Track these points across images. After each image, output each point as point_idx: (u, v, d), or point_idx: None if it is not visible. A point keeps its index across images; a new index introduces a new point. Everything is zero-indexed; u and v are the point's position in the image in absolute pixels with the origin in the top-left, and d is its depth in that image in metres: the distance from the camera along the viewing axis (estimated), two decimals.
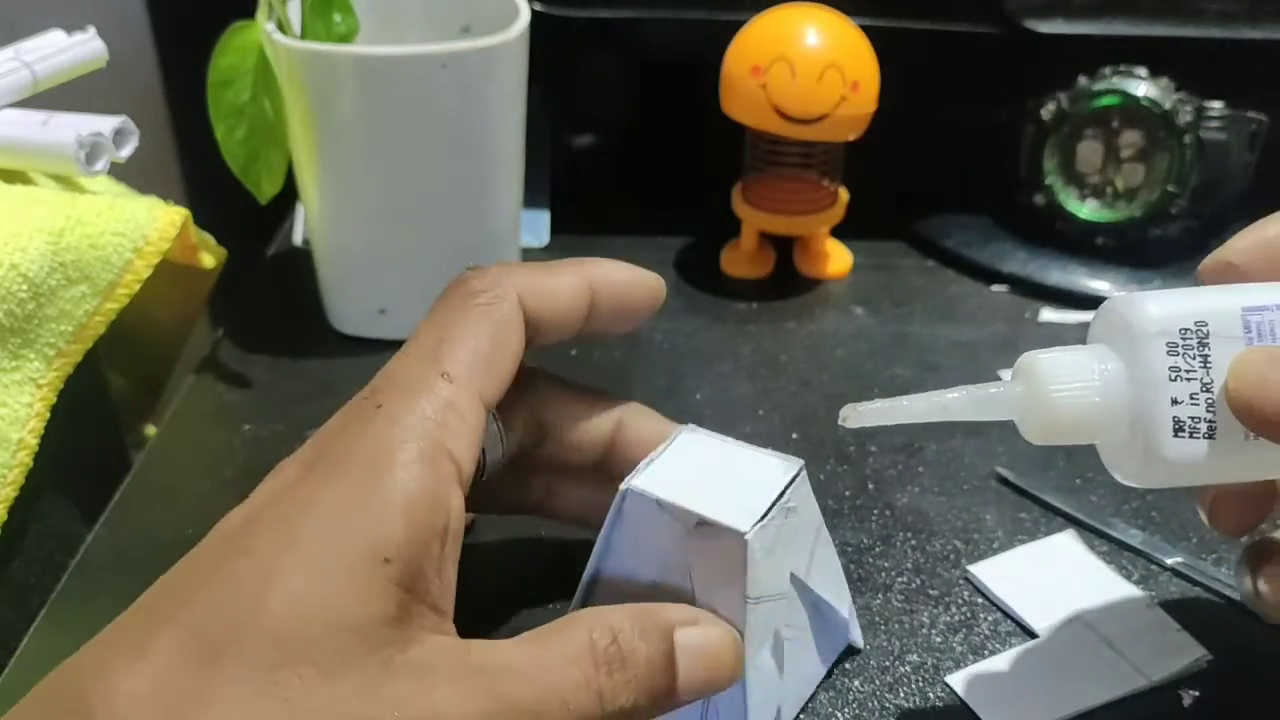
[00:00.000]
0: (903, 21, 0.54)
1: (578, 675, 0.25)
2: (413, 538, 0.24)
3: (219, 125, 0.45)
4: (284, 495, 0.25)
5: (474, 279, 0.30)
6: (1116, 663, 0.34)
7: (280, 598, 0.22)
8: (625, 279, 0.32)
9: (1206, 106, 0.52)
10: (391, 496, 0.24)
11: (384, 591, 0.23)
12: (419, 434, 0.26)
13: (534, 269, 0.31)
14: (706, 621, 0.28)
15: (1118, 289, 0.53)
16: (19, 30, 0.46)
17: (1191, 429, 0.27)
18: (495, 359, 0.28)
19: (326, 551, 0.23)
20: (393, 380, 0.27)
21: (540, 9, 0.53)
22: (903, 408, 0.28)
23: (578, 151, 0.64)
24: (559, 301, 0.31)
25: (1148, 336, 0.27)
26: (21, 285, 0.38)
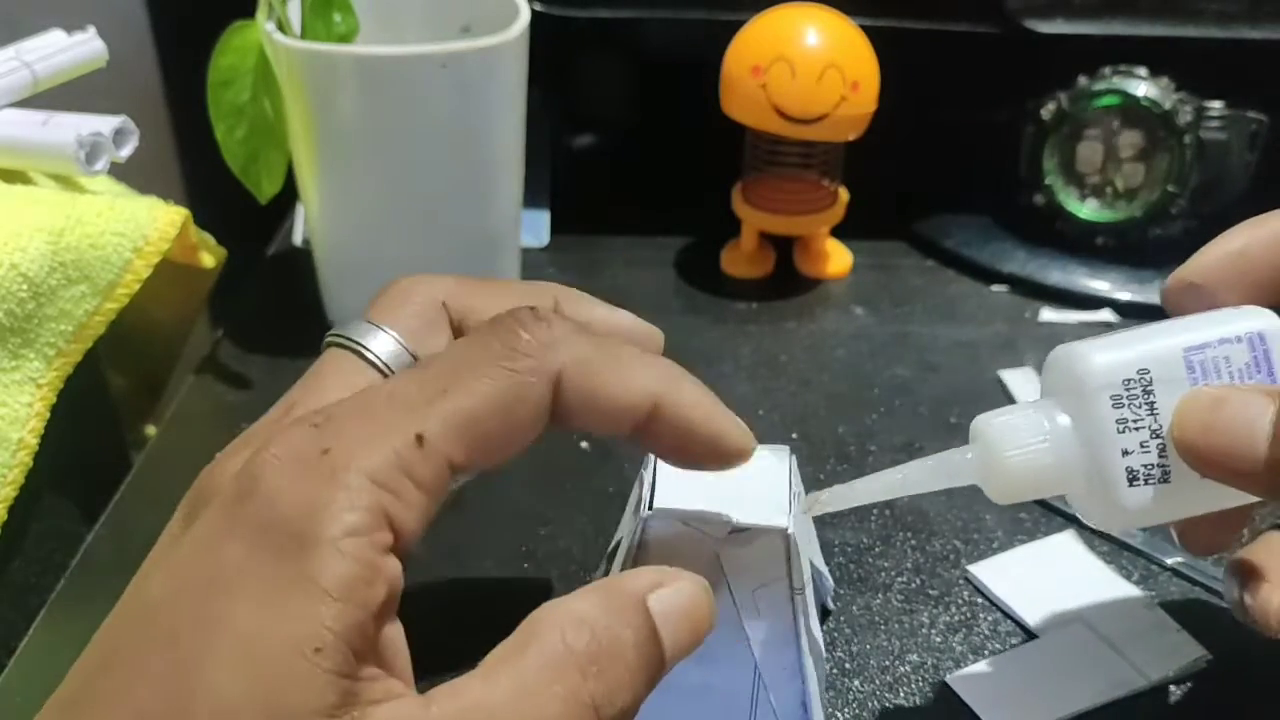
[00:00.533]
0: (903, 21, 0.54)
1: (562, 692, 0.22)
2: (346, 623, 0.21)
3: (219, 125, 0.45)
4: (208, 555, 0.22)
5: (526, 329, 0.25)
6: (1116, 663, 0.34)
7: (206, 704, 0.20)
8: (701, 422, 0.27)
9: (1206, 106, 0.52)
10: (322, 577, 0.21)
11: (319, 682, 0.21)
12: (359, 500, 0.22)
13: (599, 351, 0.26)
14: (672, 578, 0.25)
15: (1118, 289, 0.53)
16: (19, 30, 0.46)
17: (1146, 476, 0.27)
18: (491, 438, 0.24)
19: (254, 645, 0.21)
20: (357, 418, 0.24)
21: (540, 9, 0.53)
22: (866, 487, 0.28)
23: (578, 151, 0.64)
24: (607, 401, 0.26)
25: (1091, 391, 0.27)
26: (21, 285, 0.38)
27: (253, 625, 0.21)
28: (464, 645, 0.35)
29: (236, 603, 0.21)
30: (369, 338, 0.29)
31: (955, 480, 0.28)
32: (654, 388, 0.26)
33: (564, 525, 0.40)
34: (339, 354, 0.29)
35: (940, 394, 0.47)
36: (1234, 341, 0.27)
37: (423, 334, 0.29)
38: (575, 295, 0.31)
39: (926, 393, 0.48)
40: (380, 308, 0.30)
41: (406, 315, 0.30)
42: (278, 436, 0.23)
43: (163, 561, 0.23)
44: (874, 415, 0.46)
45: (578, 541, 0.40)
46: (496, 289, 0.31)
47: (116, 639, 0.23)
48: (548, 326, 0.25)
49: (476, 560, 0.39)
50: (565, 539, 0.40)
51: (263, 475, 0.22)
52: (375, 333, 0.29)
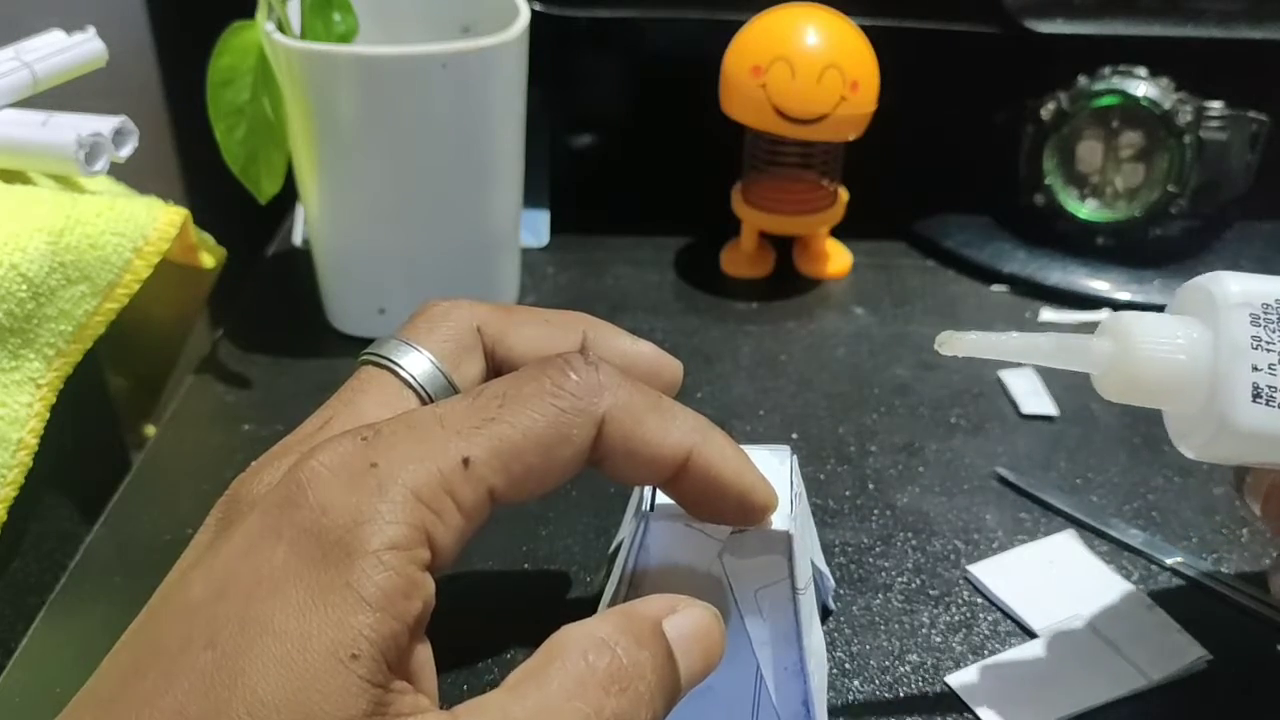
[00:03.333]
0: (903, 21, 0.54)
1: (584, 708, 0.22)
2: (382, 633, 0.22)
3: (219, 125, 0.45)
4: (250, 561, 0.23)
5: (576, 371, 0.26)
6: (1116, 663, 0.34)
7: (244, 704, 0.21)
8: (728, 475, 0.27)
9: (1206, 106, 0.52)
10: (363, 586, 0.22)
11: (353, 689, 0.21)
12: (403, 514, 0.23)
13: (646, 397, 0.27)
14: (685, 605, 0.26)
15: (1118, 289, 0.53)
16: (19, 30, 0.46)
17: (1269, 397, 0.28)
18: (533, 472, 0.25)
19: (292, 648, 0.21)
20: (407, 435, 0.24)
21: (540, 9, 0.53)
22: (999, 342, 0.29)
23: (578, 152, 0.64)
24: (645, 450, 0.26)
25: (1231, 306, 0.28)
26: (21, 285, 0.38)
27: (292, 629, 0.21)
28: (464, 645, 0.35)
29: (278, 606, 0.22)
30: (404, 357, 0.29)
31: (1073, 363, 0.29)
32: (690, 440, 0.27)
33: (564, 525, 0.40)
34: (374, 372, 0.29)
35: (940, 394, 0.48)
36: None
37: (457, 357, 0.30)
38: (602, 326, 0.32)
39: (926, 393, 0.48)
40: (415, 328, 0.30)
41: (441, 337, 0.30)
42: (325, 447, 0.24)
43: (201, 564, 0.23)
44: (874, 415, 0.46)
45: (578, 542, 0.40)
46: (529, 317, 0.31)
47: (154, 639, 0.23)
48: (596, 371, 0.26)
49: (477, 561, 0.39)
50: (565, 539, 0.40)
51: (311, 483, 0.23)
52: (410, 352, 0.29)
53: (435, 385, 0.29)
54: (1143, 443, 0.44)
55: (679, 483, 0.27)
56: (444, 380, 0.29)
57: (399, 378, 0.29)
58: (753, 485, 0.28)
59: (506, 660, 0.34)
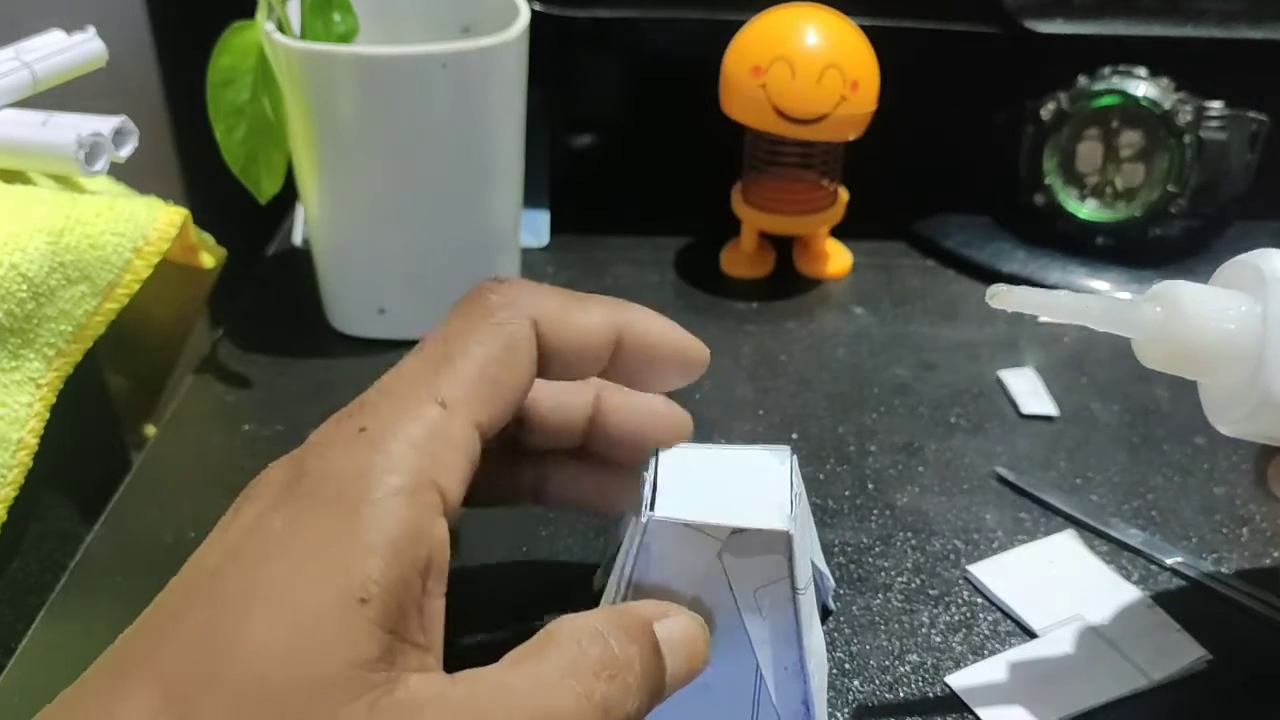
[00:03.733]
0: (903, 21, 0.54)
1: (577, 688, 0.24)
2: (392, 576, 0.22)
3: (219, 125, 0.45)
4: (258, 529, 0.23)
5: (492, 293, 0.28)
6: (1117, 663, 0.34)
7: (251, 650, 0.21)
8: (661, 335, 0.30)
9: (1206, 106, 0.52)
10: (367, 532, 0.23)
11: (364, 634, 0.22)
12: (401, 463, 0.24)
13: (560, 296, 0.29)
14: (675, 612, 0.27)
15: (1118, 289, 0.53)
16: (19, 30, 0.46)
17: None
18: (500, 384, 0.26)
19: (301, 596, 0.22)
20: (384, 398, 0.26)
21: (540, 9, 0.53)
22: (1051, 301, 0.29)
23: (578, 152, 0.64)
24: (578, 338, 0.28)
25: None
26: (21, 285, 0.38)
27: (296, 580, 0.22)
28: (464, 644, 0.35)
29: (282, 562, 0.23)
30: None
31: (1120, 327, 0.29)
32: (614, 317, 0.29)
33: (564, 525, 0.40)
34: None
35: (940, 394, 0.48)
36: None
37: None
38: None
39: (926, 393, 0.48)
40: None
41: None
42: (318, 431, 0.26)
43: (212, 542, 0.24)
44: (874, 415, 0.46)
45: (578, 542, 0.40)
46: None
47: (166, 603, 0.23)
48: (510, 286, 0.28)
49: (477, 560, 0.39)
50: (565, 539, 0.40)
51: (308, 459, 0.25)
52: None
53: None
54: (1142, 443, 0.45)
55: (619, 361, 0.29)
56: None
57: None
58: (685, 342, 0.30)
59: None
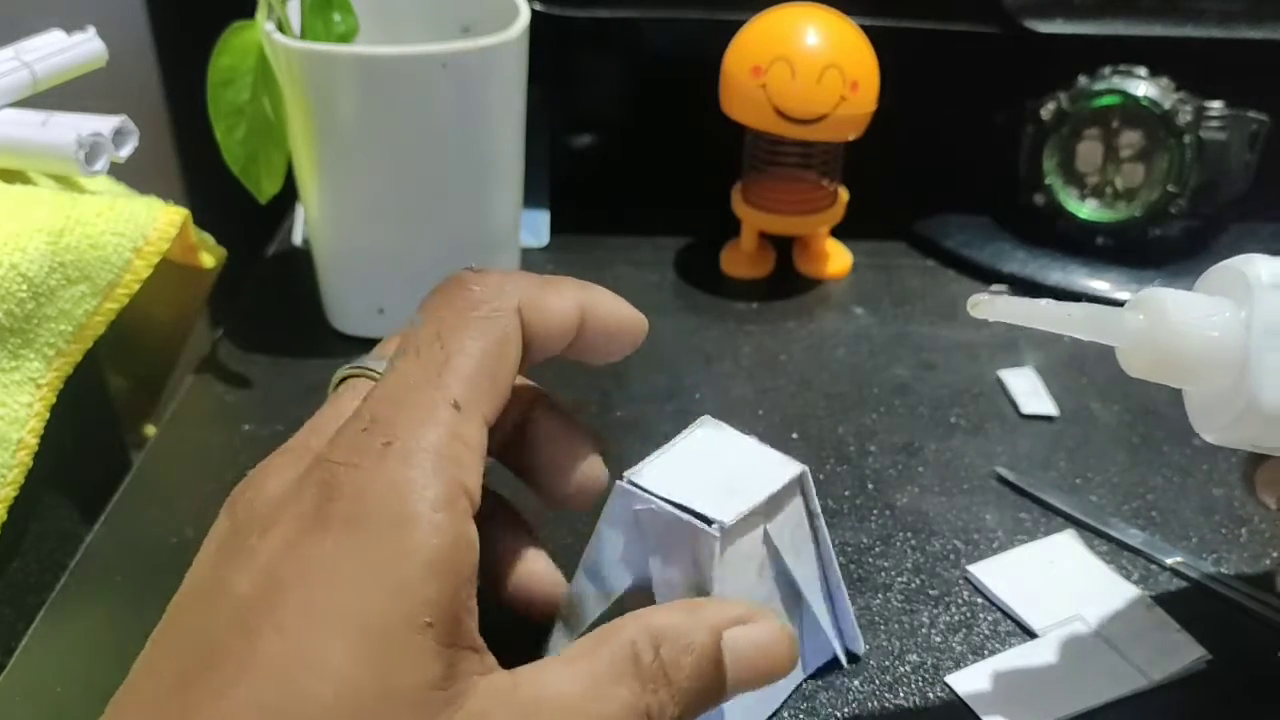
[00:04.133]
0: (903, 21, 0.54)
1: (627, 697, 0.24)
2: (447, 594, 0.23)
3: (219, 125, 0.45)
4: (301, 553, 0.23)
5: (474, 283, 0.28)
6: (1116, 663, 0.34)
7: (326, 682, 0.21)
8: (614, 312, 0.30)
9: (1206, 106, 0.52)
10: (419, 553, 0.23)
11: (431, 655, 0.22)
12: (436, 475, 0.24)
13: (534, 281, 0.29)
14: (758, 618, 0.27)
15: (1118, 289, 0.53)
16: (19, 30, 0.46)
17: None
18: (498, 378, 0.27)
19: (365, 626, 0.22)
20: (397, 409, 0.25)
21: (540, 9, 0.53)
22: (1033, 310, 0.29)
23: (578, 152, 0.64)
24: (554, 320, 0.29)
25: (1265, 287, 0.28)
26: (21, 285, 0.38)
27: (360, 605, 0.22)
28: None
29: (339, 588, 0.22)
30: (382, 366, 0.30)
31: (1103, 335, 0.28)
32: (579, 297, 0.30)
33: (564, 525, 0.40)
34: (356, 383, 0.30)
35: (940, 394, 0.48)
36: None
37: None
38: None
39: (926, 393, 0.48)
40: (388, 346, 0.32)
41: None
42: (334, 446, 0.25)
43: (237, 564, 0.24)
44: (874, 415, 0.46)
45: (579, 541, 0.39)
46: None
47: (205, 633, 0.23)
48: (488, 274, 0.28)
49: None
50: (565, 539, 0.40)
51: (338, 479, 0.24)
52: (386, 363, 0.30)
53: None
54: (1142, 443, 0.45)
55: (581, 338, 0.30)
56: None
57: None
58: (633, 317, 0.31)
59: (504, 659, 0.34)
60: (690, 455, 0.31)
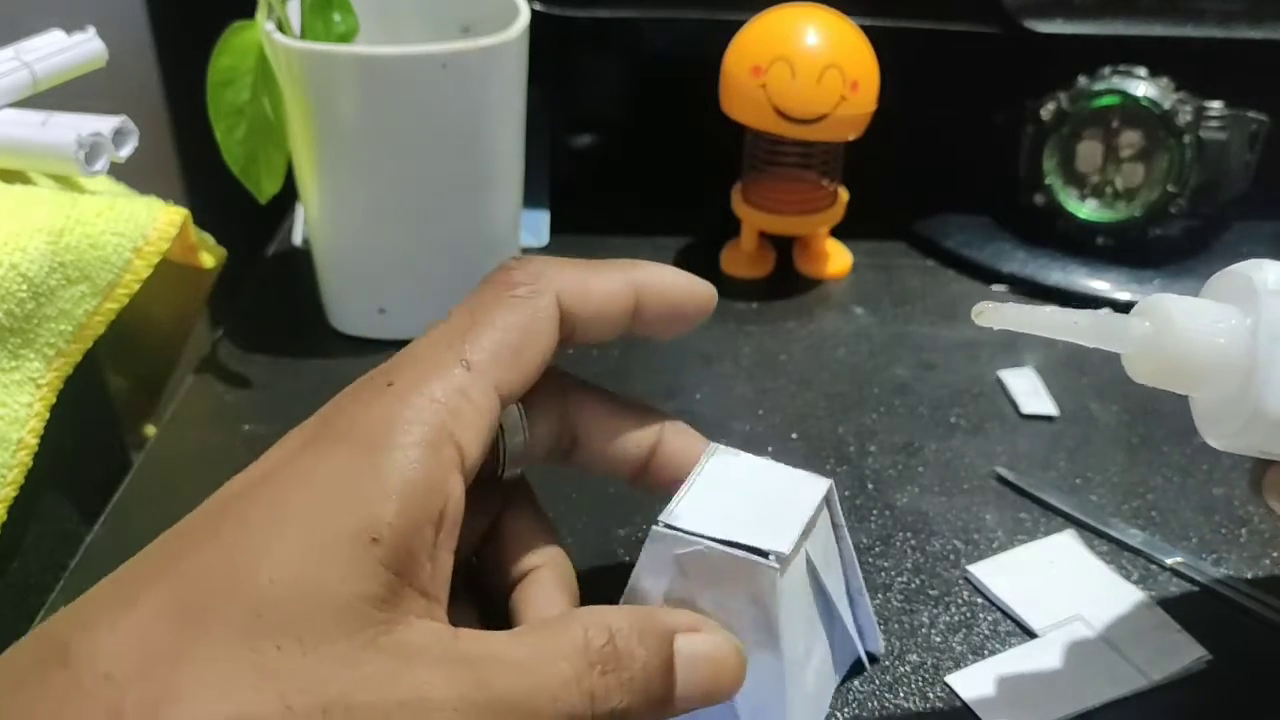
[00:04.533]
0: (903, 21, 0.54)
1: (569, 671, 0.24)
2: (405, 521, 0.24)
3: (219, 125, 0.45)
4: (283, 465, 0.25)
5: (516, 270, 0.29)
6: (1116, 663, 0.34)
7: (266, 570, 0.22)
8: (675, 285, 0.31)
9: (1206, 106, 0.52)
10: (386, 477, 0.24)
11: (370, 571, 0.23)
12: (424, 416, 0.25)
13: (578, 266, 0.30)
14: (709, 629, 0.28)
15: (1118, 289, 0.53)
16: (19, 30, 0.46)
17: None
18: (522, 353, 0.28)
19: (316, 528, 0.23)
20: (410, 359, 0.27)
21: (540, 9, 0.53)
22: (1039, 318, 0.29)
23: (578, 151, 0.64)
24: (599, 302, 0.30)
25: (1272, 294, 0.27)
26: (21, 285, 0.38)
27: (320, 510, 0.23)
28: None
29: (308, 492, 0.24)
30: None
31: (1110, 342, 0.28)
32: (633, 276, 0.30)
33: (564, 525, 0.40)
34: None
35: (940, 394, 0.48)
36: None
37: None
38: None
39: (926, 393, 0.48)
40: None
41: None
42: (348, 389, 0.27)
43: (243, 475, 0.26)
44: (874, 415, 0.46)
45: (578, 541, 0.40)
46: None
47: (191, 521, 0.25)
48: (532, 262, 0.29)
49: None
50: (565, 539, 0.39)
51: (341, 405, 0.26)
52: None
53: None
54: (1142, 443, 0.45)
55: (640, 317, 0.30)
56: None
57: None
58: (696, 287, 0.31)
59: None
60: (716, 487, 0.30)
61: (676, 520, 0.29)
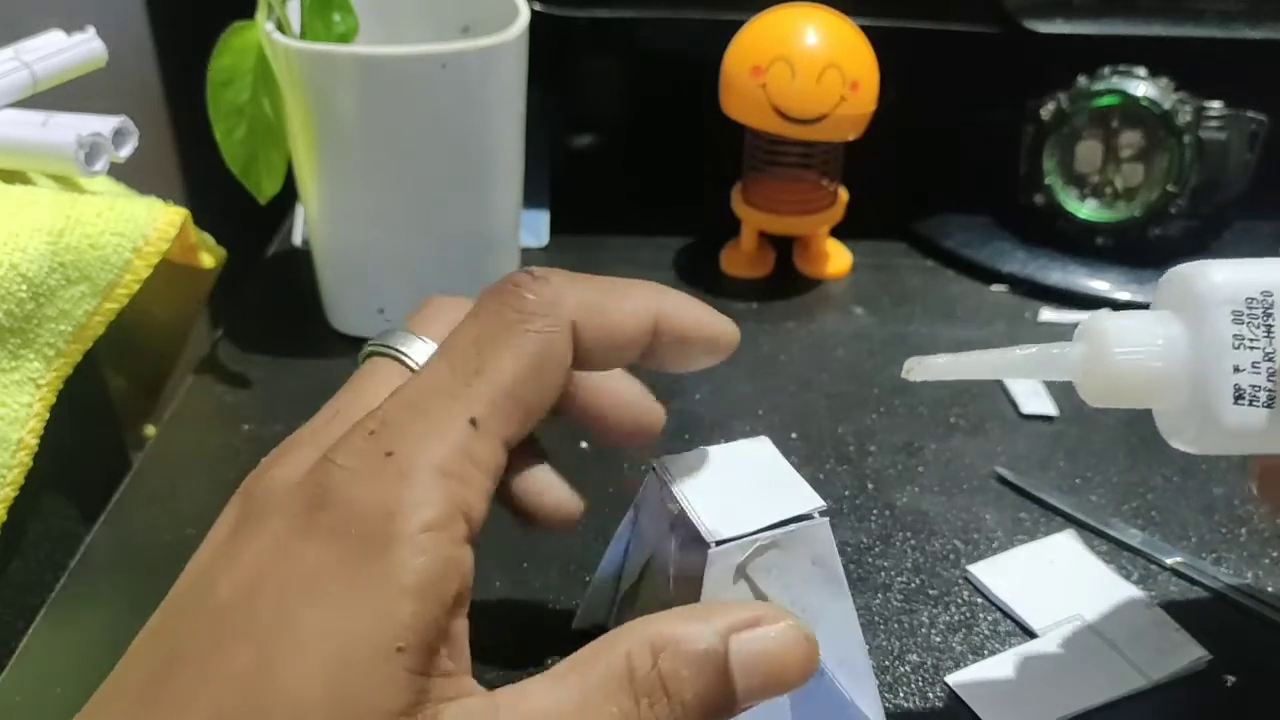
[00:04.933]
0: (903, 21, 0.54)
1: (617, 713, 0.23)
2: (425, 620, 0.22)
3: (219, 125, 0.45)
4: (281, 562, 0.23)
5: (529, 291, 0.26)
6: (1116, 663, 0.34)
7: (286, 704, 0.21)
8: (697, 322, 0.28)
9: (1206, 106, 0.52)
10: (401, 578, 0.22)
11: (399, 682, 0.21)
12: (432, 496, 0.23)
13: (599, 287, 0.27)
14: (769, 620, 0.25)
15: (1117, 289, 0.53)
16: (19, 30, 0.46)
17: (1251, 397, 0.27)
18: (529, 402, 0.25)
19: (333, 645, 0.21)
20: (410, 413, 0.24)
21: (540, 9, 0.53)
22: (972, 361, 0.28)
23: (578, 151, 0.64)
24: (617, 330, 0.27)
25: (1213, 304, 0.27)
26: (21, 285, 0.38)
27: (333, 625, 0.21)
28: None
29: (315, 604, 0.22)
30: (409, 345, 0.30)
31: (1053, 373, 0.28)
32: (652, 305, 0.28)
33: None
34: (380, 361, 0.29)
35: (940, 394, 0.47)
36: None
37: None
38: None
39: (926, 393, 0.48)
40: (418, 320, 0.31)
41: (445, 326, 0.30)
42: (339, 447, 0.24)
43: (224, 566, 0.23)
44: (874, 415, 0.46)
45: (577, 541, 0.40)
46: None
47: (182, 639, 0.23)
48: (547, 283, 0.26)
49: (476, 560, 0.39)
50: (565, 539, 0.40)
51: (333, 484, 0.23)
52: (414, 341, 0.30)
53: None
54: (1142, 443, 0.44)
55: (654, 350, 0.28)
56: None
57: (405, 366, 0.29)
58: (719, 326, 0.29)
59: (501, 660, 0.34)
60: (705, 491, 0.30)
61: (720, 533, 0.28)
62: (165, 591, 0.25)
